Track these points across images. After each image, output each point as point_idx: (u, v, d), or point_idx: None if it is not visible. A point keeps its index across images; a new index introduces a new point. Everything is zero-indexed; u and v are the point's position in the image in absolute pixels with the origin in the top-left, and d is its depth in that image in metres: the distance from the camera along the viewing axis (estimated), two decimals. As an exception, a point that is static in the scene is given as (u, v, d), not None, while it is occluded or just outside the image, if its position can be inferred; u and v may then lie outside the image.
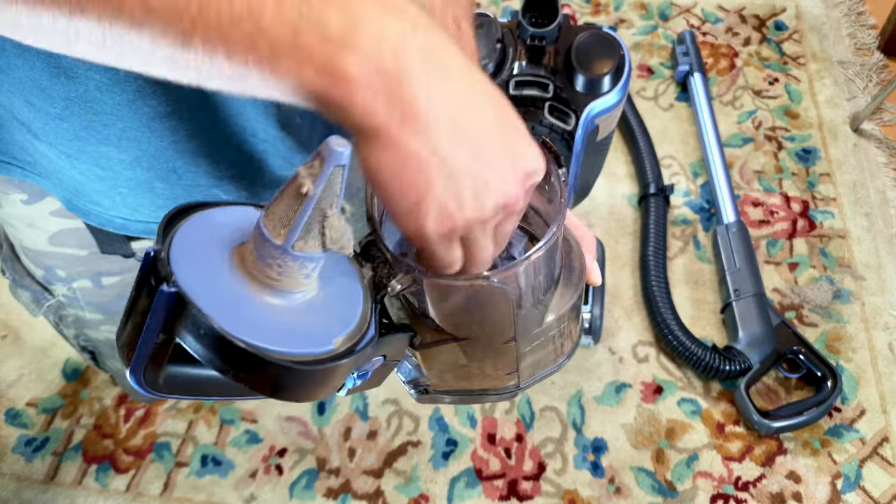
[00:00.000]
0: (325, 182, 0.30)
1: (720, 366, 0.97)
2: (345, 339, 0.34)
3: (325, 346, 0.33)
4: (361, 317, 0.36)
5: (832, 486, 0.92)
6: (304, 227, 0.31)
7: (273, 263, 0.32)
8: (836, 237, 1.12)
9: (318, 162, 0.30)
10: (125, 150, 0.54)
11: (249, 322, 0.31)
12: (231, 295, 0.32)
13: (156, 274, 0.30)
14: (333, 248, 0.32)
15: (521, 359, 0.45)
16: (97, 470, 0.99)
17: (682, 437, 0.97)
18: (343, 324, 0.35)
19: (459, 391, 0.49)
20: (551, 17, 0.89)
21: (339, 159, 0.30)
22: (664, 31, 1.41)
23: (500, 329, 0.41)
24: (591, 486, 0.94)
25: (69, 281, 0.75)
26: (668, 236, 1.14)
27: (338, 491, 0.95)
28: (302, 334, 0.33)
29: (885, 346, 1.02)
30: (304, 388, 0.33)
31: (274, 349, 0.30)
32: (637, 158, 1.21)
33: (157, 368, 0.31)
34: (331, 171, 0.30)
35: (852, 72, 1.32)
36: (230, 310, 0.31)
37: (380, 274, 0.39)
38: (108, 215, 0.62)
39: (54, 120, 0.52)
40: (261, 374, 0.30)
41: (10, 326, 1.12)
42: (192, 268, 0.31)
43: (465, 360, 0.44)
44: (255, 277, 0.33)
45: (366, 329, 0.36)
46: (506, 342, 0.42)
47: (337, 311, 0.36)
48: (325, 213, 0.31)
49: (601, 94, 0.87)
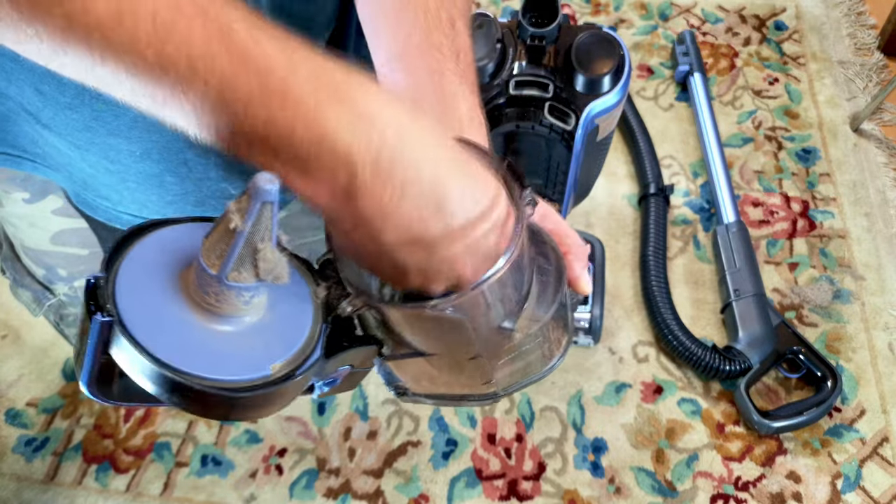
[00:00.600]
0: (254, 218, 0.31)
1: (720, 366, 0.97)
2: (285, 363, 0.35)
3: (262, 371, 0.34)
4: (307, 339, 0.37)
5: (832, 486, 0.92)
6: (236, 260, 0.32)
7: (210, 291, 0.33)
8: (836, 237, 1.12)
9: (246, 199, 0.31)
10: (135, 141, 0.54)
11: (186, 349, 0.32)
12: (172, 321, 0.33)
13: (95, 301, 0.31)
14: (268, 279, 0.33)
15: (495, 370, 0.44)
16: (97, 470, 0.99)
17: (682, 437, 0.97)
18: (285, 347, 0.36)
19: (437, 395, 0.49)
20: (551, 17, 0.88)
21: (266, 196, 0.30)
22: (664, 31, 1.41)
23: (462, 347, 0.41)
24: (591, 486, 0.94)
25: (70, 280, 0.75)
26: (668, 236, 1.14)
27: (338, 491, 0.95)
28: (239, 360, 0.34)
29: (885, 346, 1.02)
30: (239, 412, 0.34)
31: (206, 377, 0.32)
32: (637, 158, 1.21)
33: (108, 382, 0.32)
34: (258, 208, 0.31)
35: (852, 72, 1.32)
36: (168, 337, 0.32)
37: (333, 294, 0.39)
38: (116, 210, 0.62)
39: (64, 110, 0.52)
40: (193, 399, 0.32)
41: (10, 326, 1.12)
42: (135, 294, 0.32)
43: (435, 371, 0.44)
44: (197, 303, 0.34)
45: (310, 352, 0.36)
46: (471, 358, 0.42)
47: (281, 333, 0.36)
48: (257, 246, 0.32)
49: (601, 94, 0.87)
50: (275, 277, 0.33)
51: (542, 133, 0.90)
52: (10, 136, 0.58)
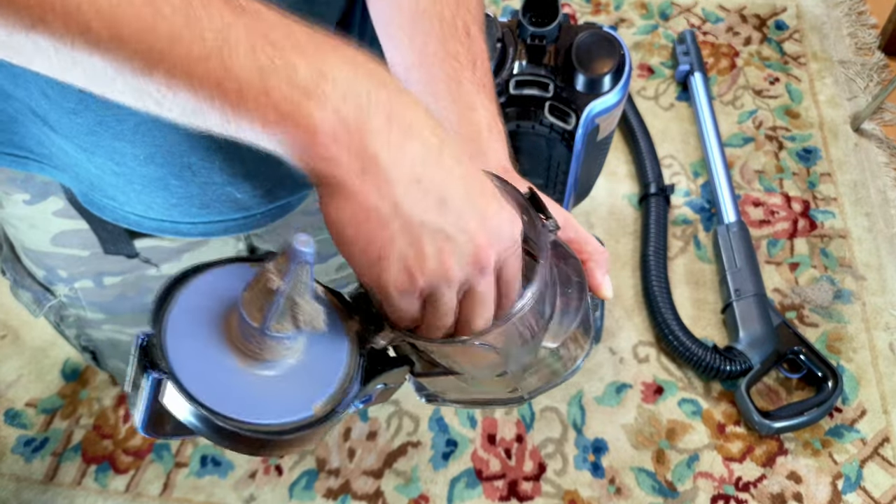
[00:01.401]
0: (292, 279, 0.33)
1: (721, 366, 0.97)
2: (326, 401, 0.37)
3: (305, 412, 0.36)
4: (345, 374, 0.39)
5: (833, 486, 0.92)
6: (276, 316, 0.34)
7: (253, 341, 0.35)
8: (836, 237, 1.12)
9: (284, 260, 0.33)
10: (139, 145, 0.54)
11: (234, 396, 0.35)
12: (219, 369, 0.36)
13: (149, 358, 0.34)
14: (307, 329, 0.35)
15: (520, 380, 0.45)
16: (96, 470, 0.99)
17: (683, 437, 0.97)
18: (325, 386, 0.38)
19: (467, 400, 0.51)
20: (551, 17, 0.88)
21: (303, 258, 0.33)
22: (664, 31, 1.41)
23: (490, 368, 0.43)
24: (592, 487, 0.94)
25: (71, 281, 0.75)
26: (669, 236, 1.14)
27: (337, 491, 0.95)
28: (284, 403, 0.36)
29: (885, 346, 1.02)
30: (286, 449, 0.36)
31: (255, 422, 0.34)
32: (637, 158, 1.21)
33: (162, 422, 0.35)
34: (296, 268, 0.33)
35: (853, 71, 1.32)
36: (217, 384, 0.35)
37: (366, 327, 0.40)
38: (123, 211, 0.62)
39: (69, 114, 0.51)
40: (243, 443, 0.34)
41: (10, 326, 1.12)
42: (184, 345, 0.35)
43: (464, 384, 0.46)
44: (241, 350, 0.36)
45: (348, 388, 0.38)
46: (498, 375, 0.44)
47: (320, 372, 0.38)
48: (296, 301, 0.34)
49: (601, 94, 0.87)
50: (313, 327, 0.35)
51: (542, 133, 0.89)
52: (18, 137, 0.58)
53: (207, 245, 0.76)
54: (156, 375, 0.33)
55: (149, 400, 0.34)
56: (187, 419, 0.33)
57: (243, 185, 0.60)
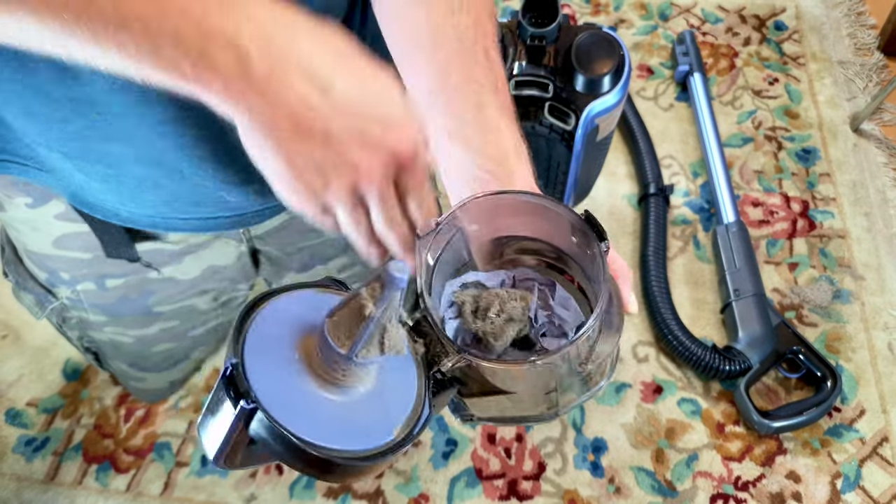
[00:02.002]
0: (387, 305, 0.34)
1: (720, 366, 0.97)
2: (404, 424, 0.38)
3: (387, 437, 0.37)
4: (416, 400, 0.40)
5: (832, 485, 0.92)
6: (366, 342, 0.35)
7: (338, 367, 0.36)
8: (835, 237, 1.13)
9: (378, 285, 0.34)
10: (129, 146, 0.54)
11: (316, 422, 0.35)
12: (299, 395, 0.36)
13: (235, 388, 0.34)
14: (391, 353, 0.36)
15: (561, 398, 0.47)
16: (97, 470, 0.99)
17: (682, 436, 0.97)
18: (401, 409, 0.39)
19: (501, 418, 0.52)
20: (551, 17, 0.89)
21: (400, 284, 0.34)
22: (664, 31, 1.41)
23: (544, 385, 0.44)
24: (591, 486, 0.94)
25: (73, 283, 0.75)
26: (668, 236, 1.14)
27: (338, 491, 0.95)
28: (365, 430, 0.37)
29: (884, 346, 1.02)
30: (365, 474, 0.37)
31: (339, 448, 0.34)
32: (637, 158, 1.21)
33: (236, 454, 0.35)
34: (391, 296, 0.34)
35: (852, 72, 1.32)
36: (299, 412, 0.35)
37: (432, 351, 0.41)
38: (115, 208, 0.62)
39: (58, 123, 0.51)
40: (327, 470, 0.34)
41: (11, 326, 1.12)
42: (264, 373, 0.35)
43: (509, 403, 0.47)
44: (321, 376, 0.36)
45: (421, 411, 0.39)
46: (547, 393, 0.45)
47: (395, 396, 0.39)
48: (386, 327, 0.35)
49: (601, 94, 0.87)
50: (397, 351, 0.36)
51: (542, 133, 0.90)
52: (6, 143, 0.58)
53: (209, 248, 0.76)
54: (245, 405, 0.33)
55: (232, 430, 0.33)
56: (276, 449, 0.33)
57: (237, 191, 0.60)
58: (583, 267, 0.45)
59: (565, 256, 0.47)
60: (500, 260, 0.49)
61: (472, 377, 0.43)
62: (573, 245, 0.45)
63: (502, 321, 0.43)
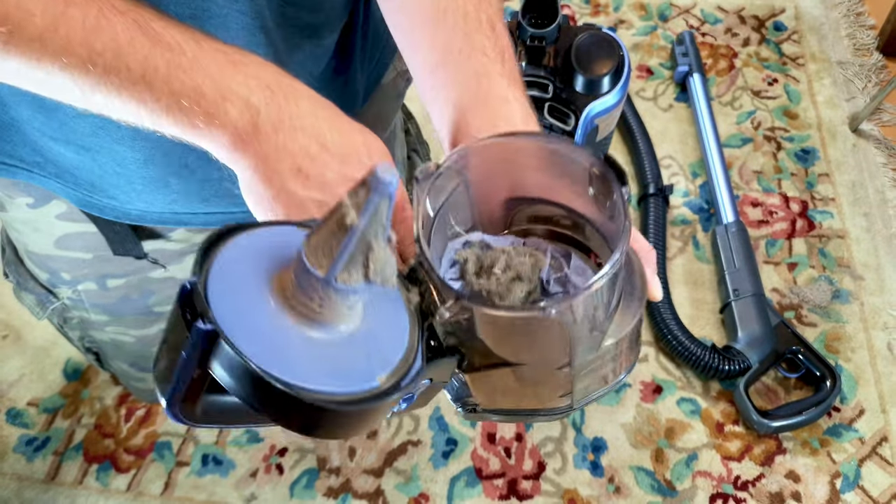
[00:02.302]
0: (371, 214, 0.29)
1: (719, 365, 0.97)
2: (390, 374, 0.33)
3: (369, 383, 0.31)
4: (408, 348, 0.35)
5: (831, 485, 0.92)
6: (347, 261, 0.29)
7: (315, 295, 0.30)
8: (835, 237, 1.13)
9: (363, 191, 0.29)
10: (138, 149, 0.55)
11: (288, 358, 0.30)
12: (269, 328, 0.30)
13: (191, 308, 0.29)
14: (377, 281, 0.31)
15: (576, 382, 0.42)
16: (98, 469, 0.99)
17: (682, 436, 0.97)
18: (388, 357, 0.34)
19: (508, 411, 0.47)
20: (551, 18, 0.89)
21: (387, 189, 0.28)
22: (663, 32, 1.41)
23: (554, 356, 0.39)
24: (591, 486, 0.94)
25: (74, 283, 0.75)
26: (668, 236, 1.14)
27: (338, 490, 0.96)
28: (344, 371, 0.31)
29: (883, 345, 1.02)
30: (345, 428, 0.32)
31: (314, 388, 0.29)
32: (636, 159, 1.21)
33: (194, 400, 0.30)
34: (377, 202, 0.28)
35: (851, 72, 1.32)
36: (268, 345, 0.29)
37: (427, 300, 0.37)
38: (125, 208, 0.62)
39: (71, 119, 0.52)
40: (299, 414, 0.29)
41: (11, 326, 1.12)
42: (229, 299, 0.30)
43: (515, 383, 0.42)
44: (296, 309, 0.31)
45: (412, 361, 0.34)
46: (560, 368, 0.40)
47: (382, 342, 0.34)
48: (370, 244, 0.30)
49: (600, 95, 0.87)
50: (384, 280, 0.31)
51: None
52: (10, 145, 0.58)
53: None
54: (202, 327, 0.28)
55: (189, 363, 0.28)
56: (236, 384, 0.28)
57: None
58: (602, 233, 0.41)
59: (582, 223, 0.42)
60: (509, 230, 0.45)
61: (474, 347, 0.39)
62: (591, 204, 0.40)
63: (508, 279, 0.38)
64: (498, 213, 0.45)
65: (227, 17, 0.49)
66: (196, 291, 0.29)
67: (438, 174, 0.38)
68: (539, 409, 0.46)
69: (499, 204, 0.44)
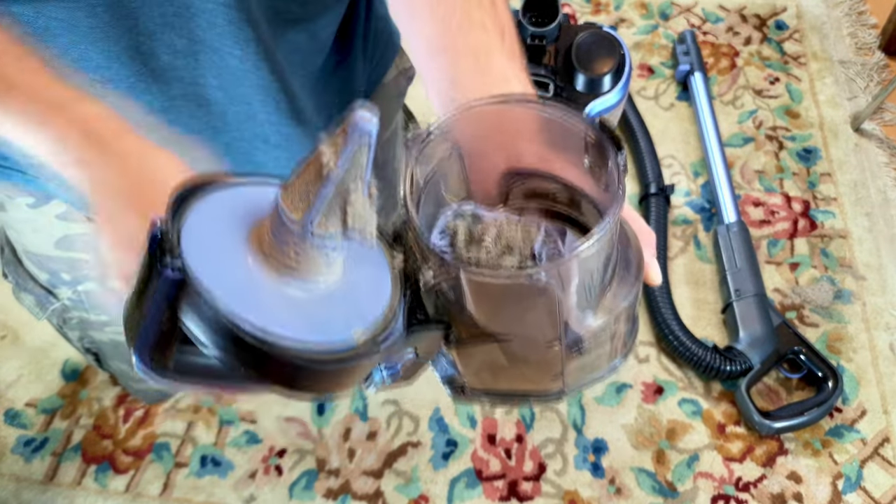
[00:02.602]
0: (349, 159, 0.27)
1: (721, 366, 0.97)
2: (366, 331, 0.31)
3: (343, 337, 0.30)
4: (388, 309, 0.34)
5: (833, 486, 0.92)
6: (324, 208, 0.28)
7: (290, 245, 0.29)
8: (837, 237, 1.12)
9: (342, 136, 0.27)
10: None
11: (260, 309, 0.28)
12: (244, 279, 0.30)
13: (161, 252, 0.28)
14: (354, 233, 0.30)
15: (567, 362, 0.41)
16: (96, 470, 0.99)
17: (683, 437, 0.97)
18: (366, 315, 0.32)
19: (499, 392, 0.45)
20: (551, 17, 0.88)
21: (366, 134, 0.27)
22: (665, 31, 1.41)
23: (543, 330, 0.38)
24: (592, 487, 0.94)
25: (74, 284, 0.74)
26: (669, 236, 1.14)
27: (337, 491, 0.95)
28: (319, 325, 0.30)
29: (886, 346, 1.02)
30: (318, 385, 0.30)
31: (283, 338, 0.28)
32: (637, 158, 1.21)
33: (165, 352, 0.29)
34: (355, 148, 0.27)
35: (853, 71, 1.31)
36: (239, 295, 0.28)
37: (412, 263, 0.36)
38: None
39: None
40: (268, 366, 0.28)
41: (10, 327, 1.12)
42: (203, 247, 0.29)
43: (504, 360, 0.41)
44: (272, 261, 0.30)
45: (391, 322, 0.33)
46: (549, 344, 0.39)
47: (361, 302, 0.33)
48: (348, 193, 0.28)
49: (601, 94, 0.87)
50: (362, 232, 0.30)
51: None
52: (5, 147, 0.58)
53: None
54: (171, 273, 0.27)
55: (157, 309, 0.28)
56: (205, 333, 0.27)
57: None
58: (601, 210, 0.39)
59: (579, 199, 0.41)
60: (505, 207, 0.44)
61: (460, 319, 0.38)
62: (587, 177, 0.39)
63: (499, 250, 0.37)
64: (493, 187, 0.44)
65: (212, 12, 0.49)
66: (165, 236, 0.28)
67: (429, 137, 0.37)
68: (530, 391, 0.45)
69: (494, 177, 0.43)
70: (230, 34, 0.51)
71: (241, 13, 0.50)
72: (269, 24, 0.54)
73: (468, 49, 0.47)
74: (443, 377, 0.44)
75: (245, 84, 0.54)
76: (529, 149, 0.41)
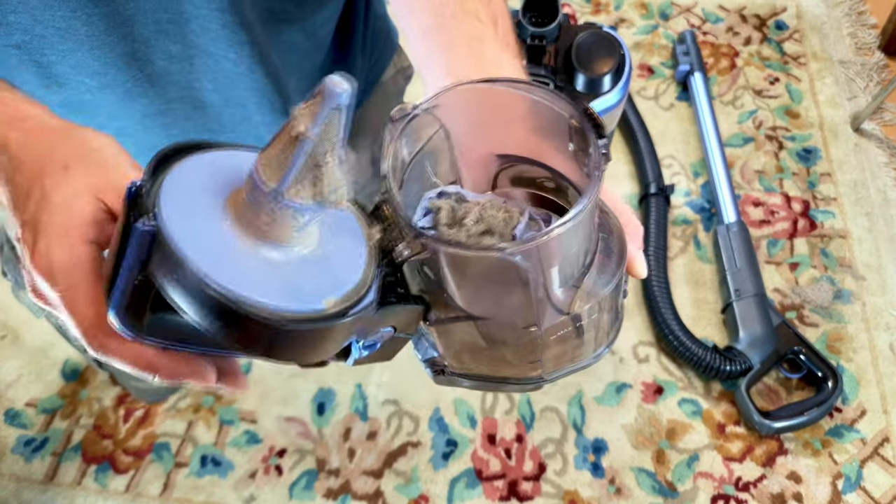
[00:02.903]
0: (322, 125, 0.28)
1: (721, 366, 0.97)
2: (339, 299, 0.32)
3: (314, 304, 0.31)
4: (361, 280, 0.34)
5: (833, 486, 0.92)
6: (297, 173, 0.28)
7: (264, 210, 0.30)
8: (836, 237, 1.12)
9: (314, 103, 0.28)
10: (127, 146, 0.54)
11: (231, 271, 0.29)
12: (218, 241, 0.30)
13: (136, 209, 0.28)
14: (327, 201, 0.30)
15: (545, 348, 0.41)
16: (96, 470, 0.99)
17: (683, 437, 0.97)
18: (338, 284, 0.32)
19: (478, 376, 0.45)
20: (551, 17, 0.88)
21: (337, 100, 0.27)
22: (665, 31, 1.41)
23: (519, 311, 0.38)
24: (592, 487, 0.94)
25: None
26: (669, 236, 1.14)
27: (337, 491, 0.95)
28: (291, 290, 0.30)
29: (885, 346, 1.02)
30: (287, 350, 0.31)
31: (255, 299, 0.28)
32: (637, 158, 1.21)
33: (140, 310, 0.29)
34: (327, 114, 0.28)
35: (853, 71, 1.31)
36: (214, 256, 0.29)
37: (388, 237, 0.36)
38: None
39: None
40: (239, 330, 0.29)
41: (10, 327, 1.12)
42: (180, 207, 0.29)
43: (483, 343, 0.41)
44: (246, 225, 0.31)
45: (364, 292, 0.33)
46: (526, 327, 0.39)
47: (335, 271, 0.33)
48: (322, 158, 0.29)
49: (601, 94, 0.87)
50: (335, 200, 0.30)
51: (542, 133, 0.89)
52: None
53: None
54: (144, 228, 0.27)
55: (131, 264, 0.28)
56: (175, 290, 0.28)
57: None
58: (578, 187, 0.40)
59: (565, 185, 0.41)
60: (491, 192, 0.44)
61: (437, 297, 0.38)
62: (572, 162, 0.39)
63: (479, 231, 0.37)
64: (481, 171, 0.44)
65: (206, 17, 0.49)
66: (142, 193, 0.29)
67: (414, 115, 0.37)
68: (509, 376, 0.45)
69: (481, 161, 0.43)
70: (224, 38, 0.51)
71: (234, 17, 0.50)
72: (265, 24, 0.54)
73: (462, 37, 0.47)
74: (424, 358, 0.44)
75: (240, 87, 0.54)
76: (516, 133, 0.41)
